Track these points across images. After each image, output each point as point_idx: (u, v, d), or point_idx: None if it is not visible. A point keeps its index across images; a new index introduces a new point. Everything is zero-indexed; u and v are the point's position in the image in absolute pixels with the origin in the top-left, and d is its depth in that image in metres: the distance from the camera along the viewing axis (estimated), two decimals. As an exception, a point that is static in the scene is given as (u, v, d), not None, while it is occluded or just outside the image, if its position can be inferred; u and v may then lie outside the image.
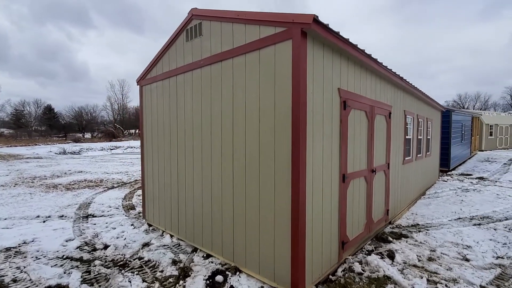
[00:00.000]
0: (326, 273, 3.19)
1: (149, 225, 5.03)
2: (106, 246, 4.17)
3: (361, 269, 3.44)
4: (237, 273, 3.27)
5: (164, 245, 4.18)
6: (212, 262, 3.57)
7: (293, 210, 2.67)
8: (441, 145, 11.18)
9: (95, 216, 5.69)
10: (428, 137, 8.12)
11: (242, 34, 3.09)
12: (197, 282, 3.11)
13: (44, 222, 5.32)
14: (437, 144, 9.78)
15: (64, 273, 3.38)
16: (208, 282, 3.13)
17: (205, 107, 3.65)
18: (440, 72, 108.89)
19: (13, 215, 5.75)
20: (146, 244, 4.24)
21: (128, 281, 3.19)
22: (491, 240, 4.48)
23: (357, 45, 3.21)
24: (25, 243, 4.29)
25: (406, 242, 4.33)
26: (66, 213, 5.89)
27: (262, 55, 2.89)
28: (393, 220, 5.37)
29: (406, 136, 5.91)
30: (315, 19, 2.49)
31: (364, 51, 3.41)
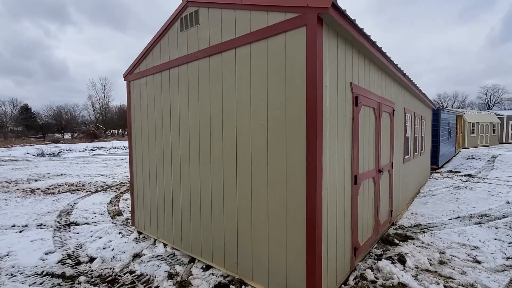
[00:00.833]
0: (340, 283, 2.94)
1: (139, 233, 4.63)
2: (92, 259, 3.75)
3: (374, 277, 3.22)
4: (243, 287, 2.96)
5: (158, 256, 3.81)
6: (213, 274, 3.24)
7: (309, 217, 2.39)
8: (431, 143, 11.28)
9: (78, 224, 5.21)
10: (422, 135, 8.09)
11: (247, 22, 2.78)
12: (199, 299, 2.79)
13: (21, 232, 4.80)
14: (429, 142, 9.83)
15: (44, 293, 2.96)
16: (211, 298, 2.81)
17: (203, 104, 3.31)
18: (423, 73, 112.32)
19: (-16, 225, 5.18)
20: (137, 255, 3.85)
21: (119, 301, 2.82)
22: (496, 240, 4.39)
23: (371, 36, 2.98)
24: (-2, 258, 3.81)
25: (414, 245, 4.17)
26: (46, 221, 5.37)
27: (271, 45, 2.60)
28: (395, 221, 5.22)
29: (406, 135, 5.79)
30: (334, 4, 2.22)
31: (376, 43, 3.18)
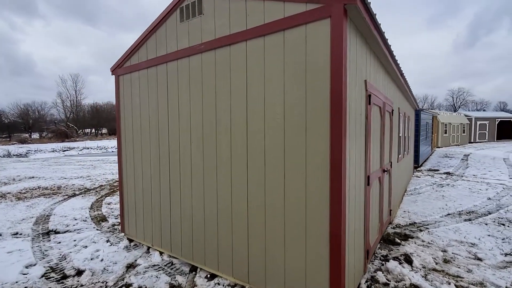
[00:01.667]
0: (355, 288, 2.83)
1: (130, 241, 4.27)
2: (80, 272, 3.38)
3: (386, 279, 3.15)
4: (254, 297, 2.77)
5: (154, 265, 3.51)
6: (220, 284, 3.01)
7: (333, 223, 2.24)
8: (414, 142, 11.67)
9: (59, 232, 4.74)
10: (409, 135, 8.30)
11: (260, 13, 2.58)
12: (208, 313, 2.56)
13: (-9, 244, 4.28)
14: (413, 142, 10.13)
15: (27, 315, 2.59)
16: (221, 311, 2.59)
17: (208, 101, 3.07)
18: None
19: None
20: (131, 266, 3.53)
21: (118, 319, 2.53)
22: (490, 236, 4.51)
23: (385, 33, 2.89)
24: (-34, 275, 3.33)
25: (415, 243, 4.18)
26: (21, 230, 4.84)
27: (288, 37, 2.42)
28: (392, 220, 5.26)
29: (399, 134, 5.85)
30: (362, -6, 2.09)
31: (387, 41, 3.11)
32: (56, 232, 4.75)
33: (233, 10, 2.78)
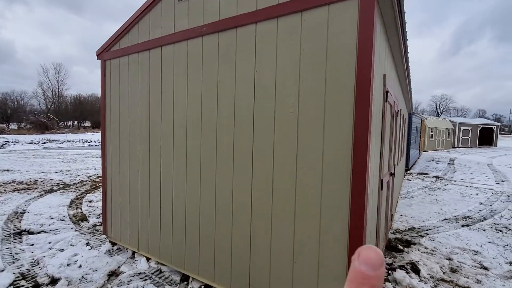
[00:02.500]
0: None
1: (113, 244, 3.87)
2: (54, 280, 2.97)
3: (395, 291, 2.93)
4: (255, 312, 2.46)
5: (140, 274, 3.14)
6: (215, 297, 2.69)
7: (352, 234, 1.97)
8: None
9: (32, 233, 4.26)
10: (404, 137, 8.22)
11: (273, -9, 2.27)
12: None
13: (-49, 245, 3.76)
14: (405, 144, 10.10)
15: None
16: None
17: (208, 90, 2.73)
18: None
19: None
20: (114, 273, 3.14)
21: None
22: (491, 243, 4.40)
23: (406, 24, 2.65)
24: None
25: (419, 251, 3.99)
26: (-13, 230, 4.32)
27: (307, 20, 2.12)
28: (391, 224, 5.08)
29: (399, 136, 5.69)
30: (397, -29, 1.82)
31: (406, 34, 2.87)
32: (30, 233, 4.27)
33: (242, -12, 2.45)
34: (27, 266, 3.25)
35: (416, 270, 3.38)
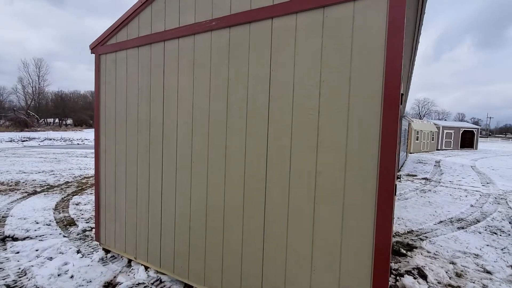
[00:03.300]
0: (381, 312, 2.49)
1: (106, 251, 3.62)
2: (44, 293, 2.72)
3: (407, 299, 2.86)
4: (268, 325, 2.32)
5: (139, 284, 2.92)
6: (223, 309, 2.53)
7: (378, 242, 1.87)
8: (394, 147, 11.86)
9: (17, 239, 3.94)
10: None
11: (292, -15, 2.13)
12: None
13: None
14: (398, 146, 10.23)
15: None
16: None
17: (217, 89, 2.56)
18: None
19: None
20: (110, 284, 2.91)
21: None
22: (489, 246, 4.45)
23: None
24: None
25: (422, 255, 3.97)
26: (-36, 237, 3.96)
27: (330, 16, 2.00)
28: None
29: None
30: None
31: (420, 36, 2.80)
32: (14, 239, 3.95)
33: (257, -19, 2.30)
34: (13, 277, 2.97)
35: (423, 276, 3.34)
